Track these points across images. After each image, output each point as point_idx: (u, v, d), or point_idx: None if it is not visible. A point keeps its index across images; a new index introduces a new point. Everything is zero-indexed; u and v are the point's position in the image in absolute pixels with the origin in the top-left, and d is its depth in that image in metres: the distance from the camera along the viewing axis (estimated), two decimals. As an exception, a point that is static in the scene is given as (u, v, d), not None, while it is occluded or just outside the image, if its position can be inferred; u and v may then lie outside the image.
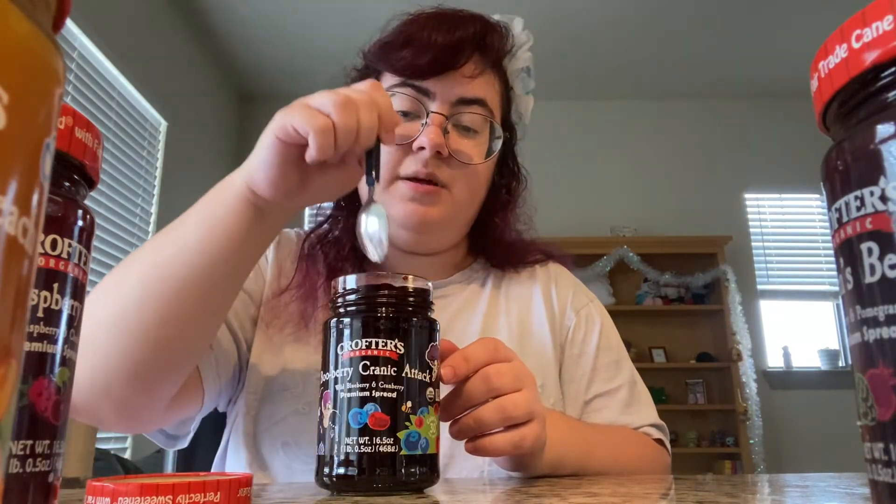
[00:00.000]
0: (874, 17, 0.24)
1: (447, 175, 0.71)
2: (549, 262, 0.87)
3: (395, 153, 0.70)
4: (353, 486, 0.42)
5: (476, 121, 0.73)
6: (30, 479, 0.29)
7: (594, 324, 0.80)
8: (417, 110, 0.71)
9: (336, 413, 0.42)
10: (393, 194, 0.71)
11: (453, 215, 0.73)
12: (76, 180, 0.34)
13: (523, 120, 0.84)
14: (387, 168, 0.70)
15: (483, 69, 0.74)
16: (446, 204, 0.72)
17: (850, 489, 0.43)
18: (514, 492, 0.43)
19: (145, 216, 3.07)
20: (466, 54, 0.71)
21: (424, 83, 0.71)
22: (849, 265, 0.25)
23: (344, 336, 0.44)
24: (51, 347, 0.30)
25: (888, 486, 0.23)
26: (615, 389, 0.76)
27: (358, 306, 0.45)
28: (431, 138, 0.68)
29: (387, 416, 0.42)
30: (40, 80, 0.14)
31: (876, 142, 0.24)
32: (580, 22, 3.59)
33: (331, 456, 0.42)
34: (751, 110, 4.35)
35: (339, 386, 0.43)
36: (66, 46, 2.48)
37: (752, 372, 3.73)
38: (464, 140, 0.72)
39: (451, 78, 0.71)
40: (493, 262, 0.83)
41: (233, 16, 3.50)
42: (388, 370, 0.43)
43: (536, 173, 0.90)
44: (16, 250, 0.13)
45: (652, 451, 0.73)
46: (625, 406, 0.75)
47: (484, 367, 0.49)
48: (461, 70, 0.71)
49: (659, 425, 0.76)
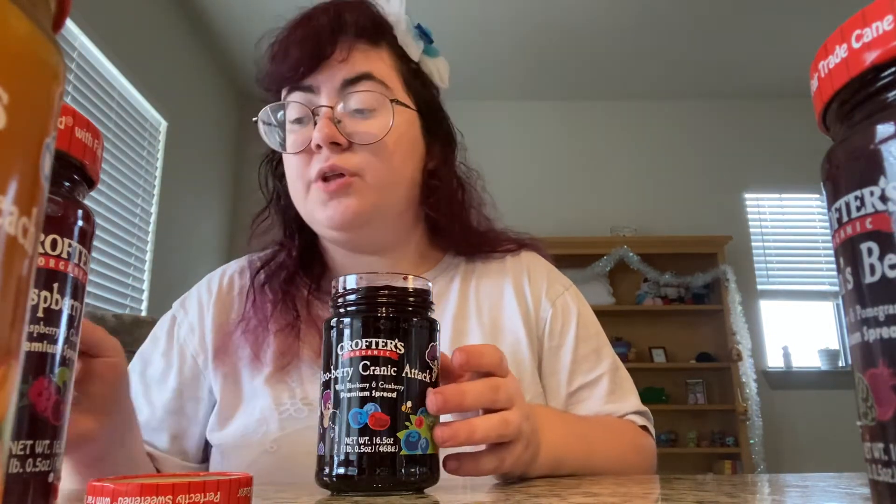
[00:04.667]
0: (874, 17, 0.24)
1: (354, 163, 0.69)
2: (521, 251, 0.83)
3: (299, 162, 0.71)
4: (353, 486, 0.42)
5: (367, 99, 0.70)
6: (30, 479, 0.29)
7: (571, 313, 0.78)
8: (307, 113, 0.71)
9: (336, 413, 0.43)
10: (311, 202, 0.71)
11: (376, 202, 0.70)
12: (76, 180, 0.34)
13: (443, 84, 0.80)
14: (300, 178, 0.71)
15: (353, 46, 0.71)
16: (362, 192, 0.70)
17: (850, 489, 0.43)
18: (515, 492, 0.43)
19: (145, 216, 3.07)
20: (330, 38, 0.70)
21: (305, 81, 0.71)
22: (849, 265, 0.25)
23: (344, 336, 0.44)
24: (51, 347, 0.30)
25: (888, 486, 0.23)
26: (597, 379, 0.74)
27: (358, 306, 0.45)
28: (322, 132, 0.68)
29: (387, 416, 0.42)
30: (40, 80, 0.14)
31: (876, 142, 0.24)
32: (580, 22, 3.59)
33: (331, 456, 0.42)
34: (751, 110, 4.35)
35: (339, 386, 0.43)
36: (66, 46, 2.48)
37: (752, 372, 3.74)
38: (360, 121, 0.70)
39: (327, 66, 0.70)
40: (461, 253, 0.81)
41: (233, 16, 3.50)
42: (388, 370, 0.43)
43: (537, 173, 0.90)
44: (16, 250, 0.13)
45: (641, 439, 0.73)
46: (608, 395, 0.74)
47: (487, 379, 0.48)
48: (333, 56, 0.70)
49: (642, 412, 0.75)
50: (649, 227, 4.13)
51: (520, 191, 3.84)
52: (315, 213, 0.71)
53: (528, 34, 3.70)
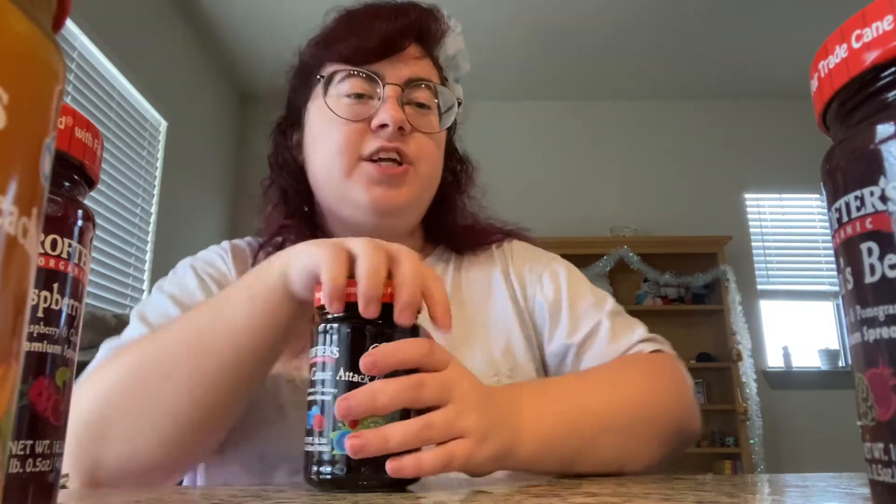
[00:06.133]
0: (874, 17, 0.24)
1: (412, 150, 0.69)
2: (508, 240, 0.83)
3: (353, 135, 0.68)
4: (339, 484, 0.42)
5: (427, 97, 0.72)
6: (30, 479, 0.29)
7: (560, 278, 0.76)
8: (369, 91, 0.70)
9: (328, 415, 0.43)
10: (357, 179, 0.68)
11: (419, 195, 0.71)
12: (76, 180, 0.34)
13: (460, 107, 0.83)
14: (347, 151, 0.68)
15: (424, 54, 0.74)
16: (414, 183, 0.70)
17: (850, 489, 0.43)
18: (515, 492, 0.43)
19: (145, 216, 3.07)
20: (409, 39, 0.71)
21: (373, 67, 0.69)
22: (849, 265, 0.25)
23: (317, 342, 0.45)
24: (51, 347, 0.30)
25: (888, 486, 0.23)
26: (597, 324, 0.71)
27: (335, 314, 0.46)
28: (393, 113, 0.66)
29: (323, 418, 0.43)
30: (40, 80, 0.14)
31: (876, 142, 0.24)
32: (580, 22, 3.59)
33: (318, 454, 0.43)
34: (751, 110, 4.35)
35: (321, 387, 0.44)
36: (66, 46, 2.48)
37: (752, 372, 3.74)
38: (420, 113, 0.71)
39: (398, 60, 0.70)
40: (451, 248, 0.81)
41: (233, 16, 3.50)
42: (324, 374, 0.44)
43: (537, 173, 0.90)
44: (16, 250, 0.13)
45: (655, 364, 0.66)
46: (610, 335, 0.69)
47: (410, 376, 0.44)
48: (407, 52, 0.71)
49: (650, 338, 0.70)
50: (649, 227, 4.13)
51: (519, 191, 3.84)
52: (353, 191, 0.68)
53: (528, 34, 3.70)
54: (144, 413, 0.52)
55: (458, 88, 0.81)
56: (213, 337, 0.52)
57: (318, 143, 0.71)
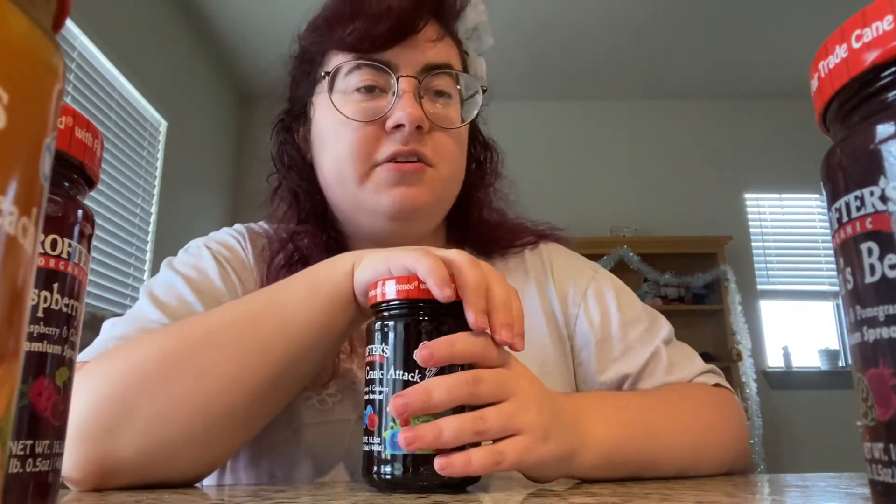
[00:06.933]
0: (874, 17, 0.24)
1: (430, 150, 0.62)
2: (540, 243, 0.77)
3: (365, 138, 0.61)
4: (399, 485, 0.42)
5: (448, 83, 0.65)
6: (30, 479, 0.29)
7: (607, 300, 0.70)
8: (381, 83, 0.62)
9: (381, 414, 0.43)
10: (372, 185, 0.62)
11: (439, 196, 0.65)
12: (76, 180, 0.34)
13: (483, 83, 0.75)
14: (359, 157, 0.62)
15: (443, 33, 0.65)
16: (433, 184, 0.63)
17: (850, 489, 0.43)
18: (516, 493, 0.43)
19: (145, 216, 3.07)
20: (425, 17, 0.63)
21: (385, 55, 0.62)
22: (849, 265, 0.25)
23: (372, 340, 0.44)
24: (51, 347, 0.30)
25: (888, 486, 0.23)
26: (655, 353, 0.66)
27: (390, 311, 0.45)
28: (409, 112, 0.59)
29: (377, 417, 0.42)
30: (40, 79, 0.14)
31: (876, 142, 0.24)
32: (580, 22, 3.59)
33: (375, 454, 0.42)
34: (751, 110, 4.35)
35: (375, 386, 0.43)
36: (66, 46, 2.48)
37: (752, 372, 3.73)
38: (439, 104, 0.64)
39: (412, 44, 0.62)
40: (477, 250, 0.73)
41: (233, 16, 3.50)
42: (377, 374, 0.43)
43: (537, 173, 0.89)
44: (16, 250, 0.13)
45: (718, 395, 0.64)
46: (668, 367, 0.66)
47: (466, 371, 0.42)
48: (422, 34, 0.63)
49: (709, 369, 0.67)
50: (649, 227, 4.13)
51: (519, 191, 3.83)
52: (369, 199, 0.62)
53: (528, 34, 3.70)
54: (176, 403, 0.46)
55: (480, 64, 0.73)
56: (265, 329, 0.48)
57: (328, 145, 0.65)
